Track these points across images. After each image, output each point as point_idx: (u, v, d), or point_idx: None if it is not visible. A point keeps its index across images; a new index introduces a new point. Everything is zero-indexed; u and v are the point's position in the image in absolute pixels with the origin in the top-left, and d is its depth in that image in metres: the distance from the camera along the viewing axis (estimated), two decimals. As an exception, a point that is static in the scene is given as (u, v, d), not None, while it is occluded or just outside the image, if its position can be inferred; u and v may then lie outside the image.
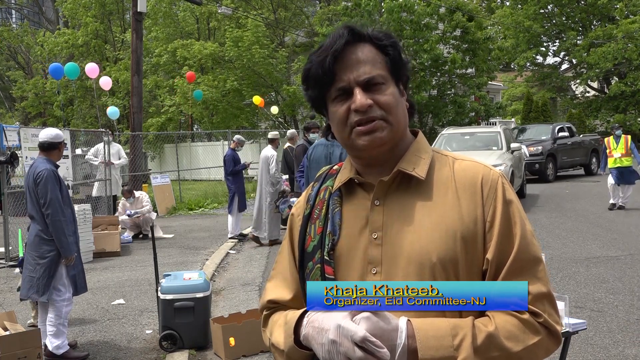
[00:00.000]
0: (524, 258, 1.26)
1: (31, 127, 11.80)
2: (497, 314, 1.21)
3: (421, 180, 1.32)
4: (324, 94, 1.33)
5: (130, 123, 15.05)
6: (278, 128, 22.73)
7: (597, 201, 13.32)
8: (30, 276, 4.69)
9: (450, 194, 1.30)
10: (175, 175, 17.74)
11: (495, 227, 1.27)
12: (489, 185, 1.30)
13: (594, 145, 20.43)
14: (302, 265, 1.39)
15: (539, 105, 28.51)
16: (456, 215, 1.27)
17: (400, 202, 1.31)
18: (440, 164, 1.36)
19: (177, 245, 10.04)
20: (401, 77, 1.35)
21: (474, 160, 1.37)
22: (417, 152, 1.36)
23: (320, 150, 5.37)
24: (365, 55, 1.30)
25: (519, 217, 1.30)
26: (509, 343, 1.18)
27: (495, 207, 1.28)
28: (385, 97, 1.29)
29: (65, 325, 4.80)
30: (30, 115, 34.97)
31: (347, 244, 1.32)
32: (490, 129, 14.26)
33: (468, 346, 1.15)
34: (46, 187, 4.66)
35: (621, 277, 6.82)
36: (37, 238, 4.72)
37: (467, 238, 1.26)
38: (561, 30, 34.10)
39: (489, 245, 1.27)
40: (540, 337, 1.22)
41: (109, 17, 32.31)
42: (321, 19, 26.94)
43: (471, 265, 1.26)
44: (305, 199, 1.48)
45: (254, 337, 4.81)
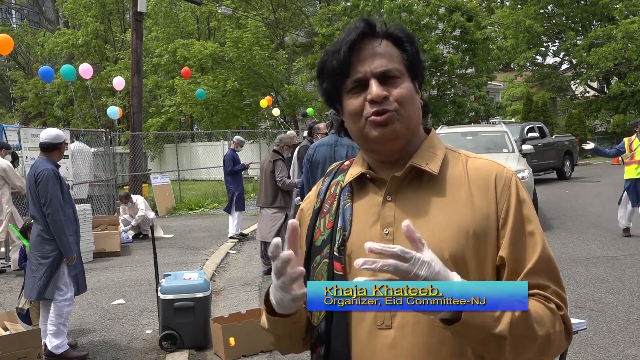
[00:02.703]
0: (546, 256, 1.26)
1: (31, 127, 11.82)
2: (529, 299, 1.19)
3: (434, 177, 1.30)
4: (338, 87, 1.32)
5: (130, 123, 15.06)
6: (278, 128, 22.72)
7: (597, 201, 13.32)
8: (34, 276, 4.69)
9: (463, 191, 1.29)
10: (175, 175, 17.74)
11: (508, 224, 1.26)
12: (503, 182, 1.29)
13: (568, 147, 19.20)
14: (309, 259, 1.37)
15: (539, 105, 28.50)
16: (469, 212, 1.26)
17: (413, 198, 1.30)
18: (453, 161, 1.35)
19: (177, 245, 10.04)
20: (417, 74, 1.35)
21: (488, 159, 1.35)
22: (430, 148, 1.35)
23: (323, 151, 5.00)
24: (382, 48, 1.29)
25: (532, 216, 1.29)
26: (538, 326, 1.18)
27: (509, 204, 1.27)
28: (400, 91, 1.28)
29: (65, 325, 4.81)
30: (30, 115, 34.98)
31: (358, 239, 1.29)
32: (495, 129, 13.10)
33: (507, 321, 1.14)
34: (46, 187, 4.66)
35: (621, 277, 6.83)
36: (39, 238, 4.72)
37: (479, 235, 1.25)
38: (561, 30, 34.12)
39: (502, 242, 1.26)
40: (559, 328, 1.22)
41: (109, 17, 32.33)
42: (321, 19, 26.96)
43: (483, 262, 1.25)
44: (316, 193, 1.46)
45: (254, 337, 4.82)
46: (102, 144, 12.91)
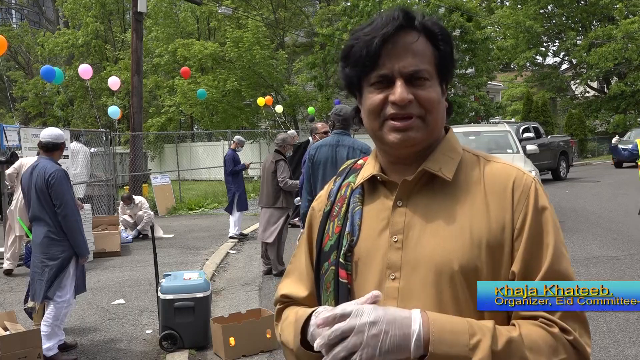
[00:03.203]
0: (555, 270, 1.15)
1: (31, 127, 11.83)
2: (524, 323, 1.12)
3: (448, 182, 1.22)
4: (362, 77, 1.22)
5: (130, 123, 15.06)
6: (278, 128, 22.72)
7: (597, 201, 13.32)
8: (40, 279, 4.63)
9: (479, 198, 1.20)
10: (175, 175, 17.74)
11: (524, 235, 1.17)
12: (521, 190, 1.20)
13: (563, 148, 19.00)
14: (318, 264, 1.31)
15: (539, 105, 28.51)
16: (483, 221, 1.17)
17: (425, 204, 1.22)
18: (470, 165, 1.25)
19: (177, 245, 10.04)
20: (447, 76, 1.25)
21: (507, 163, 1.26)
22: (446, 151, 1.25)
23: (324, 151, 4.98)
24: (416, 45, 1.20)
25: (552, 226, 1.20)
26: (531, 354, 1.07)
27: (525, 214, 1.18)
28: (428, 95, 1.19)
29: (60, 327, 4.76)
30: (30, 115, 34.99)
31: (366, 246, 1.24)
32: (498, 128, 12.79)
33: (486, 348, 1.05)
34: (62, 188, 4.62)
35: (621, 277, 6.82)
36: (47, 239, 4.63)
37: (493, 246, 1.16)
38: (561, 30, 34.15)
39: (516, 255, 1.16)
40: (566, 355, 1.10)
41: (109, 17, 32.35)
42: (321, 19, 26.97)
43: (496, 274, 1.16)
44: (327, 193, 1.38)
45: (254, 337, 4.82)
46: (102, 144, 12.91)
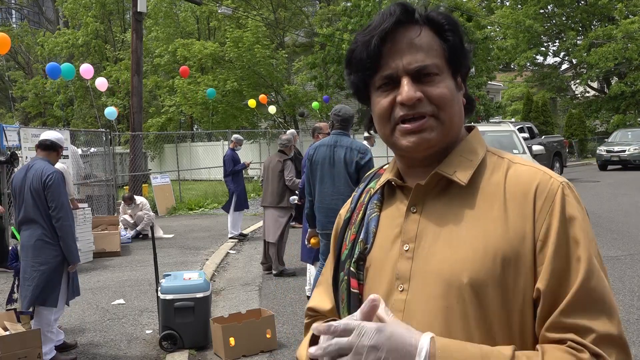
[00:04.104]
0: (590, 288, 1.00)
1: (31, 127, 11.82)
2: (550, 348, 0.98)
3: (464, 187, 1.11)
4: (367, 81, 1.14)
5: (130, 123, 15.06)
6: (278, 128, 22.72)
7: (597, 201, 13.32)
8: (27, 285, 4.49)
9: (497, 205, 1.07)
10: (175, 175, 17.75)
11: (548, 248, 1.02)
12: (545, 196, 1.05)
13: (557, 148, 18.87)
14: (336, 275, 1.24)
15: (539, 105, 28.53)
16: (500, 231, 1.05)
17: (440, 210, 1.11)
18: (493, 168, 1.13)
19: (177, 245, 10.04)
20: (460, 68, 1.15)
21: (534, 166, 1.12)
22: (464, 152, 1.14)
23: (322, 152, 5.06)
24: (420, 39, 1.10)
25: (583, 237, 1.03)
26: None
27: (550, 223, 1.03)
28: (439, 90, 1.09)
29: (52, 332, 4.68)
30: (30, 115, 34.99)
31: (379, 254, 1.15)
32: (502, 128, 12.43)
33: None
34: (58, 191, 4.55)
35: (621, 277, 6.82)
36: (40, 242, 4.53)
37: (509, 258, 1.03)
38: (561, 30, 34.16)
39: (540, 270, 1.02)
40: None
41: (109, 17, 32.37)
42: (321, 19, 26.97)
43: (512, 291, 1.02)
44: (351, 199, 1.31)
45: (254, 337, 4.82)
46: (102, 144, 12.92)
